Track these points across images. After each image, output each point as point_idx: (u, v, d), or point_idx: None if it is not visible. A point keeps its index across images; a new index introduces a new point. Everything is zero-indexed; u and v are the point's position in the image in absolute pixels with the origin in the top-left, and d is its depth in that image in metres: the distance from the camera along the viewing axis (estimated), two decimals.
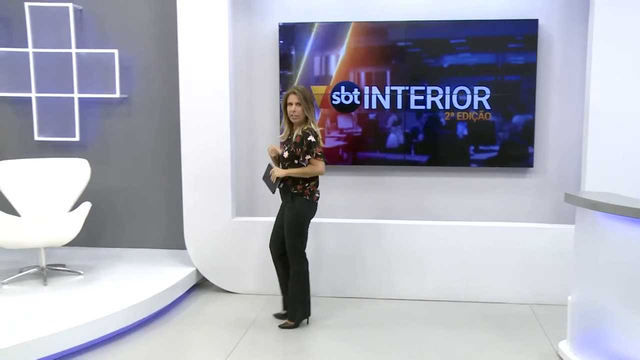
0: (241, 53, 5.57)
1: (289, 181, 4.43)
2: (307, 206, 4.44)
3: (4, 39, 5.96)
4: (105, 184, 5.95)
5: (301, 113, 4.39)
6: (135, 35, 5.82)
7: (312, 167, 4.37)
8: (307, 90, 4.48)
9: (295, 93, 4.39)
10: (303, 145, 4.35)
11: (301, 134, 4.37)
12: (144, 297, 4.59)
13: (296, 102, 4.38)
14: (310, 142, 4.34)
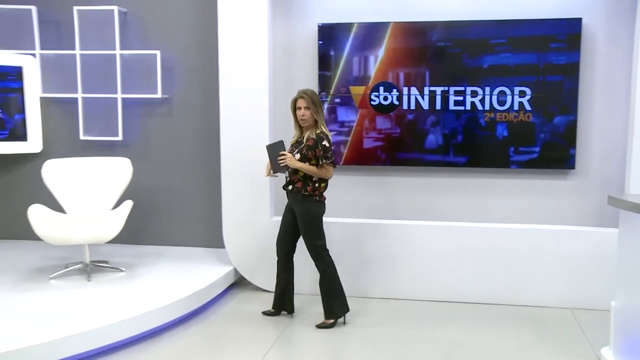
0: (280, 54, 5.60)
1: (299, 183, 4.47)
2: (317, 207, 4.50)
3: (54, 42, 6.13)
4: (147, 183, 6.05)
5: (310, 117, 4.44)
6: (177, 37, 5.91)
7: (323, 170, 4.44)
8: (316, 94, 4.50)
9: (304, 97, 4.43)
10: (317, 149, 4.40)
11: (315, 138, 4.41)
12: (183, 294, 4.64)
13: (305, 106, 4.43)
14: (325, 147, 4.40)
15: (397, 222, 5.27)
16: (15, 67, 6.07)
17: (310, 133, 4.45)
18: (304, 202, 4.48)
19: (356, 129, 5.48)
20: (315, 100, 4.44)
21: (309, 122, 4.45)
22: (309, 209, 4.47)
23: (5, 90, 6.08)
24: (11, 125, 6.14)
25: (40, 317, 4.13)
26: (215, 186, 5.68)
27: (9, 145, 6.14)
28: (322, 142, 4.40)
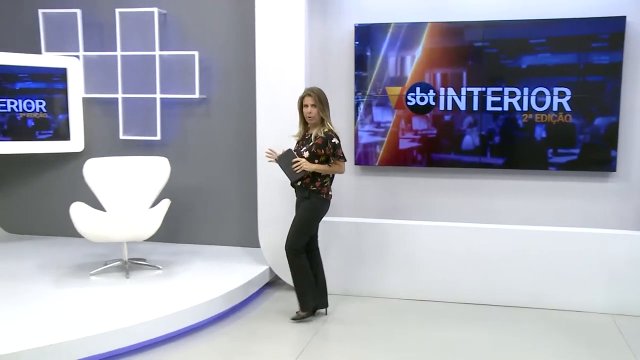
0: (317, 54, 5.61)
1: (307, 179, 4.52)
2: (322, 204, 4.57)
3: (97, 44, 6.27)
4: (184, 182, 6.12)
5: (317, 114, 4.50)
6: (215, 38, 5.96)
7: (336, 167, 4.52)
8: (322, 92, 4.56)
9: (311, 95, 4.50)
10: (327, 147, 4.47)
11: (323, 136, 4.48)
12: (218, 293, 4.68)
13: (312, 103, 4.49)
14: (335, 144, 4.47)
15: (432, 224, 5.23)
16: (60, 69, 6.23)
17: (317, 131, 4.52)
18: (310, 198, 4.55)
19: (392, 129, 5.45)
20: (322, 99, 4.51)
21: (315, 119, 4.52)
22: (315, 205, 4.55)
23: (50, 91, 6.25)
24: (55, 125, 6.31)
25: (81, 313, 4.23)
26: (251, 185, 5.72)
27: (53, 145, 6.31)
28: (332, 140, 4.47)
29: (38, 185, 6.64)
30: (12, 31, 6.45)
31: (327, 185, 4.58)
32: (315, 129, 4.55)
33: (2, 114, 6.11)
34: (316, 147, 4.48)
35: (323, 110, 4.51)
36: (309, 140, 4.55)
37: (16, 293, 4.70)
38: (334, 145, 4.47)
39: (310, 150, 4.50)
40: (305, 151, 4.52)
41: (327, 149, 4.47)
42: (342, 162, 4.54)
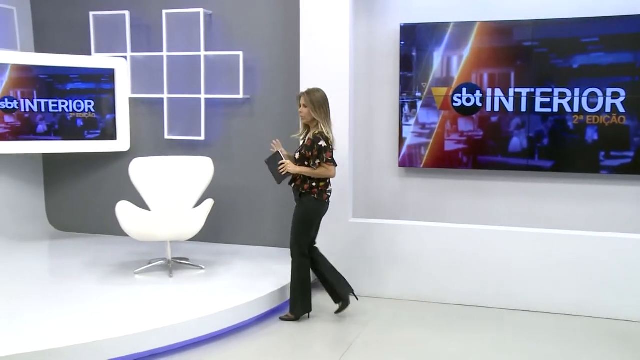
0: (362, 54, 5.57)
1: (299, 180, 4.54)
2: (315, 205, 4.53)
3: (144, 44, 6.36)
4: (227, 182, 6.15)
5: (307, 114, 4.48)
6: (259, 38, 5.98)
7: (323, 170, 4.47)
8: (320, 94, 4.50)
9: (303, 95, 4.50)
10: (314, 149, 4.43)
11: (312, 138, 4.45)
12: (261, 293, 4.68)
13: (302, 103, 4.49)
14: (321, 147, 4.42)
15: (479, 227, 5.11)
16: (108, 70, 6.35)
17: (310, 133, 4.51)
18: (301, 199, 4.55)
19: (437, 131, 5.37)
20: (314, 99, 4.46)
21: (306, 119, 4.51)
22: (306, 206, 4.53)
23: (99, 91, 6.37)
24: (103, 124, 6.42)
25: (124, 311, 4.28)
26: None
27: (100, 144, 6.43)
28: (319, 142, 4.42)
29: (85, 184, 6.77)
30: (65, 33, 6.60)
31: (318, 187, 4.52)
32: (311, 131, 4.52)
33: (54, 114, 6.26)
34: (305, 149, 4.48)
35: (315, 111, 4.46)
36: (303, 142, 4.57)
37: (61, 290, 4.79)
38: (319, 148, 4.41)
39: (300, 152, 4.53)
40: (296, 152, 4.55)
41: (313, 151, 4.44)
42: (331, 166, 4.47)
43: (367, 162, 5.71)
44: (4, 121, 6.10)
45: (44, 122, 6.24)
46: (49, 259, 5.96)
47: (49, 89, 6.22)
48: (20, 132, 6.16)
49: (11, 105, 6.11)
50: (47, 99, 6.22)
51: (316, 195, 4.51)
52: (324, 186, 4.55)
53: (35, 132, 6.22)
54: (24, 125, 6.17)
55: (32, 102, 6.18)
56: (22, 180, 6.69)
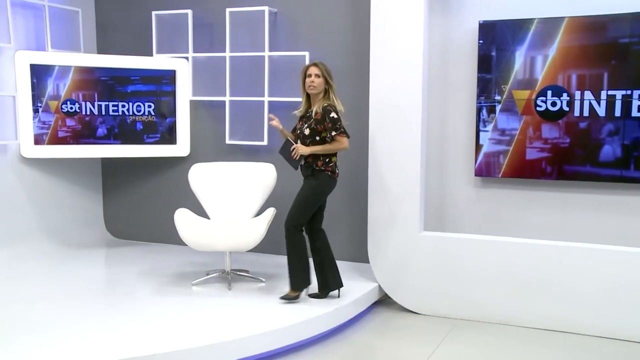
0: (436, 54, 5.46)
1: (310, 158, 4.64)
2: (329, 182, 4.68)
3: (206, 45, 6.44)
4: (290, 190, 6.05)
5: (320, 84, 4.58)
6: (326, 37, 5.95)
7: (336, 143, 4.59)
8: (329, 67, 4.66)
9: (317, 65, 4.61)
10: (326, 122, 4.54)
11: (322, 111, 4.56)
12: (323, 310, 4.62)
13: (316, 73, 4.58)
14: (334, 119, 4.54)
15: (563, 245, 4.86)
16: (169, 71, 6.45)
17: (317, 107, 4.59)
18: (314, 175, 4.67)
19: (518, 137, 5.18)
20: (328, 71, 4.61)
21: (318, 89, 4.59)
22: (320, 182, 4.66)
23: (159, 93, 6.48)
24: (162, 128, 6.52)
25: (179, 324, 4.29)
26: (362, 197, 5.63)
27: (160, 149, 6.53)
28: (330, 114, 4.53)
29: (143, 190, 6.90)
30: (127, 34, 6.76)
31: (331, 164, 4.67)
32: (317, 104, 4.61)
33: (114, 117, 6.40)
34: (315, 123, 4.57)
35: (329, 81, 4.60)
36: (309, 118, 4.63)
37: (116, 300, 4.86)
38: (332, 119, 4.52)
39: (310, 127, 4.60)
40: (306, 128, 4.62)
41: (325, 124, 4.54)
42: (344, 137, 4.59)
43: (439, 170, 5.58)
44: (65, 124, 6.28)
45: (104, 125, 6.38)
46: (105, 268, 6.07)
47: (109, 91, 6.37)
48: (80, 136, 6.33)
49: (73, 108, 6.29)
50: (108, 101, 6.36)
51: (330, 172, 4.65)
52: (335, 162, 4.71)
53: (95, 135, 6.37)
54: (84, 128, 6.33)
55: (93, 105, 6.34)
56: (81, 185, 6.86)
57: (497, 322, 4.99)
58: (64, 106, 6.25)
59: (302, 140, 4.67)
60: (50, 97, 6.21)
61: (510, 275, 4.93)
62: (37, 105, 6.16)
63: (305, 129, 4.63)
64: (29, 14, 6.25)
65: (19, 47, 6.13)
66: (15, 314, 4.46)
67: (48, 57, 6.19)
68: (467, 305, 5.07)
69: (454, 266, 5.08)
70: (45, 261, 5.98)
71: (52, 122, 6.23)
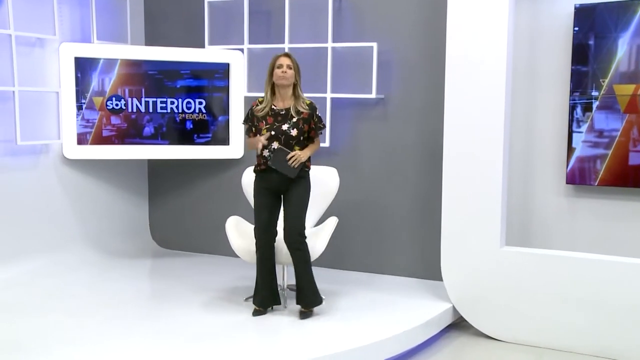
0: (522, 44, 5.35)
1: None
2: (309, 180, 4.93)
3: (263, 35, 6.46)
4: (354, 197, 6.08)
5: (291, 77, 4.77)
6: (397, 26, 5.89)
7: (317, 142, 4.94)
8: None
9: (289, 56, 4.82)
10: (313, 119, 4.83)
11: (308, 109, 4.81)
12: (388, 334, 4.56)
13: (287, 64, 4.75)
14: (319, 116, 4.88)
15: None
16: (223, 64, 6.49)
17: (296, 103, 4.80)
18: (306, 177, 4.87)
19: (620, 140, 5.01)
20: (297, 64, 4.81)
21: (289, 81, 4.76)
22: (308, 181, 4.88)
23: (211, 89, 6.53)
24: (214, 127, 6.56)
25: (228, 344, 4.30)
26: (435, 205, 5.53)
27: (211, 150, 6.58)
28: (317, 111, 4.86)
29: (192, 195, 6.95)
30: (176, 24, 6.85)
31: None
32: (287, 100, 4.81)
33: (162, 115, 6.48)
34: (303, 122, 4.79)
35: (298, 74, 4.81)
36: (287, 116, 4.78)
37: (162, 316, 4.90)
38: (319, 117, 4.86)
39: (297, 127, 4.76)
40: (292, 129, 4.75)
41: (312, 122, 4.82)
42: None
43: (524, 177, 5.48)
44: (110, 122, 6.38)
45: (151, 124, 6.46)
46: (150, 280, 6.17)
47: (157, 86, 6.45)
48: (126, 135, 6.43)
49: (118, 104, 6.40)
50: (156, 97, 6.44)
51: (309, 169, 4.92)
52: None
53: (141, 135, 6.46)
54: (130, 127, 6.43)
55: (139, 102, 6.43)
56: (126, 189, 6.97)
57: (590, 354, 4.83)
58: (109, 103, 6.36)
59: (287, 141, 4.76)
60: (94, 93, 6.32)
61: (607, 299, 4.76)
62: (80, 102, 6.28)
63: (291, 129, 4.76)
64: (74, 3, 6.39)
65: (63, 39, 6.27)
66: (52, 327, 4.56)
67: (93, 50, 6.31)
68: (556, 331, 4.93)
69: (541, 286, 4.96)
70: (86, 271, 6.09)
71: (96, 120, 6.34)
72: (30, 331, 4.48)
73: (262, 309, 4.92)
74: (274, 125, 4.78)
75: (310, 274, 4.87)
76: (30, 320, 4.70)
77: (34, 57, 6.10)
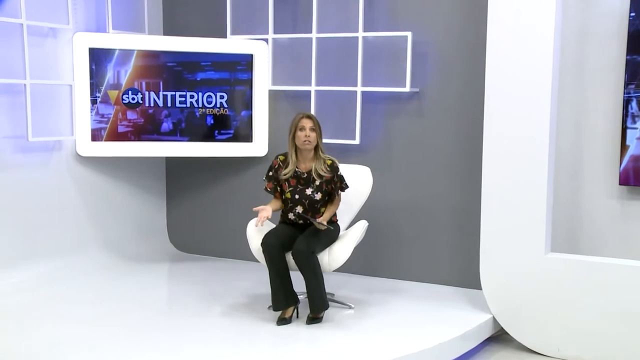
0: (571, 33, 5.30)
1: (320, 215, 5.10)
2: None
3: (289, 24, 6.45)
4: (386, 199, 6.05)
5: (314, 140, 5.02)
6: (433, 14, 5.86)
7: (338, 202, 5.20)
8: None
9: (311, 117, 5.07)
10: (334, 180, 5.09)
11: (329, 171, 5.06)
12: (423, 346, 4.53)
13: (310, 126, 5.01)
14: (341, 176, 5.13)
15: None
16: (246, 55, 6.49)
17: (317, 166, 5.06)
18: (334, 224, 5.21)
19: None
20: (319, 124, 5.08)
21: (313, 144, 5.02)
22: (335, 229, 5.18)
23: (234, 82, 6.53)
24: (237, 123, 6.56)
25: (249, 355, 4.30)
26: (474, 207, 5.48)
27: (233, 147, 6.58)
28: (338, 171, 5.11)
29: (213, 195, 6.96)
30: (196, 12, 6.84)
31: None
32: (308, 162, 5.07)
33: (181, 110, 6.49)
34: (326, 184, 5.08)
35: (321, 135, 5.07)
36: (309, 180, 5.06)
37: (179, 324, 4.89)
38: (340, 177, 5.12)
39: (321, 190, 5.06)
40: (315, 192, 5.05)
41: (332, 183, 5.09)
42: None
43: (572, 177, 5.44)
44: (126, 118, 6.41)
45: (170, 119, 6.47)
46: (167, 286, 6.21)
47: (176, 79, 6.46)
48: (143, 131, 6.45)
49: (135, 98, 6.42)
50: (174, 91, 6.46)
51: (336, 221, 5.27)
52: None
53: (159, 131, 6.47)
54: (147, 122, 6.45)
55: (157, 96, 6.44)
56: (142, 189, 6.99)
57: None
58: (125, 97, 6.38)
59: (312, 205, 5.05)
60: (109, 86, 6.34)
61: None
62: (95, 96, 6.30)
63: (315, 193, 5.05)
64: None
65: (77, 28, 6.28)
66: (63, 336, 4.57)
67: (108, 40, 6.33)
68: (606, 346, 4.89)
69: (589, 297, 4.90)
70: (99, 276, 6.11)
71: (112, 115, 6.36)
72: (39, 340, 4.48)
73: (286, 318, 4.91)
74: (297, 188, 5.07)
75: (316, 280, 4.90)
76: (40, 329, 4.71)
77: (46, 48, 6.11)
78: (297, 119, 5.06)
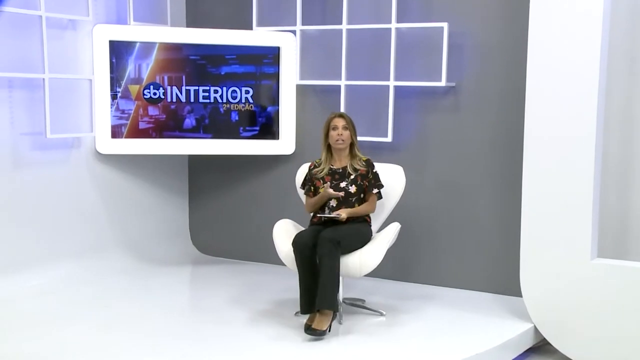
0: (621, 18, 5.23)
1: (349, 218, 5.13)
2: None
3: (318, 15, 6.44)
4: (419, 200, 6.02)
5: (348, 138, 5.21)
6: (470, 4, 5.83)
7: (368, 206, 5.22)
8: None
9: (343, 116, 5.25)
10: (367, 178, 5.21)
11: (364, 165, 5.22)
12: (459, 356, 4.50)
13: (343, 125, 5.19)
14: (376, 174, 5.24)
15: None
16: (273, 48, 6.49)
17: (353, 162, 5.23)
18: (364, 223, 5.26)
19: None
20: (352, 122, 5.25)
21: (346, 143, 5.20)
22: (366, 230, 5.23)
23: (259, 76, 6.54)
24: (262, 119, 6.57)
25: None
26: (514, 209, 5.42)
27: (259, 145, 6.58)
28: (374, 168, 5.25)
29: (238, 195, 6.96)
30: (221, 3, 6.87)
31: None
32: (344, 160, 5.24)
33: (204, 105, 6.50)
34: (361, 179, 5.20)
35: (355, 134, 5.25)
36: (344, 174, 5.20)
37: (201, 330, 4.91)
38: (375, 175, 5.23)
39: (356, 184, 5.18)
40: (350, 185, 5.16)
41: (366, 179, 5.20)
42: (377, 198, 5.26)
43: (622, 176, 5.39)
44: (147, 114, 6.44)
45: (192, 115, 6.49)
46: (189, 290, 6.27)
47: (200, 73, 6.48)
48: (164, 128, 6.48)
49: (157, 94, 6.45)
50: (198, 86, 6.47)
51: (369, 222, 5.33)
52: None
53: (181, 127, 6.49)
54: (169, 118, 6.47)
55: (180, 91, 6.46)
56: (164, 188, 7.03)
57: None
58: (146, 91, 6.40)
59: (347, 199, 5.15)
60: (130, 81, 6.37)
61: None
62: (115, 91, 6.33)
63: (350, 186, 5.17)
64: None
65: (97, 20, 6.32)
66: (81, 341, 4.61)
67: (129, 33, 6.36)
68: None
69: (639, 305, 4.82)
70: (119, 278, 6.15)
71: (132, 110, 6.39)
72: (56, 344, 4.52)
73: (317, 330, 4.80)
74: (332, 183, 5.17)
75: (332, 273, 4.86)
76: (57, 333, 4.74)
77: (66, 40, 6.16)
78: (330, 118, 5.23)
